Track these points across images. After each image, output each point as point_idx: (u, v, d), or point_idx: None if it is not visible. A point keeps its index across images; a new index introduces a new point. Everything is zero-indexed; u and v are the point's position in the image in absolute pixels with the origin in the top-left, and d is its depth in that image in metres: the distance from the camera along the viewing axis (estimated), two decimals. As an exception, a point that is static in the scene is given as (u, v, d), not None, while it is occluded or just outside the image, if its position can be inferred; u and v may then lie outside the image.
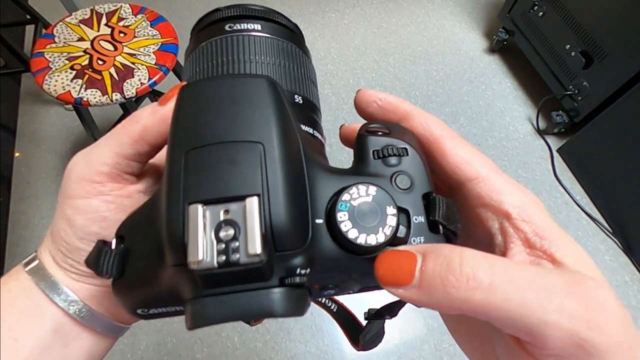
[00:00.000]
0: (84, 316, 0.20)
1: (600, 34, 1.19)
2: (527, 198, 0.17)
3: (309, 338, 1.07)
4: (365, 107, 0.20)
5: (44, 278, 0.20)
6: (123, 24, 1.02)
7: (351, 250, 0.15)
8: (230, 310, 0.14)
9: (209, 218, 0.13)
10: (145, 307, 0.17)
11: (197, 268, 0.13)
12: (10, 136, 1.39)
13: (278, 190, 0.14)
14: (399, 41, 1.66)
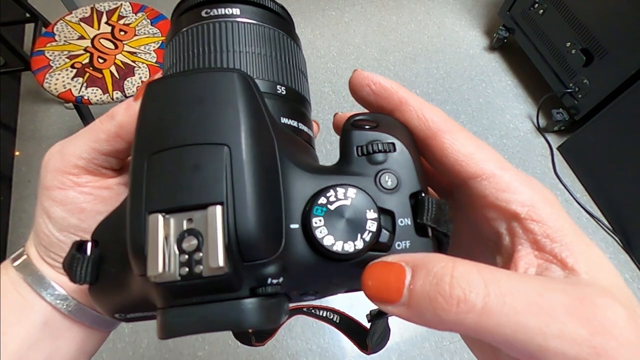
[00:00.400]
0: (72, 310, 0.20)
1: (601, 32, 1.18)
2: (537, 195, 0.15)
3: (310, 336, 1.07)
4: (359, 90, 0.18)
5: (30, 273, 0.20)
6: (123, 22, 1.02)
7: (328, 257, 0.14)
8: (199, 322, 0.13)
9: (172, 227, 0.13)
10: (122, 312, 0.17)
11: (158, 281, 0.12)
12: (11, 135, 1.39)
13: (245, 197, 0.13)
14: (399, 39, 1.66)
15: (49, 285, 0.20)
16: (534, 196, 0.15)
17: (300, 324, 1.08)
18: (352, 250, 0.14)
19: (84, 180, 0.19)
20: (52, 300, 0.20)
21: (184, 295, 0.13)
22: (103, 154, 0.19)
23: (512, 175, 0.15)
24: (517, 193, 0.15)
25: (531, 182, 0.16)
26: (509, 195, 0.15)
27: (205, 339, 1.05)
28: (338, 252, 0.14)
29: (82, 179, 0.19)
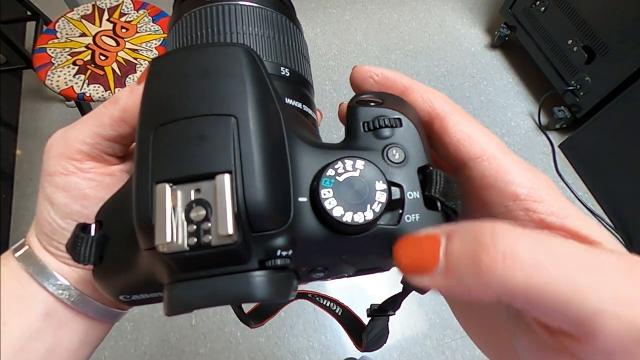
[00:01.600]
0: (74, 300, 0.20)
1: (603, 29, 1.18)
2: (537, 179, 0.15)
3: (312, 333, 1.07)
4: (361, 84, 0.18)
5: (32, 263, 0.19)
6: (125, 19, 1.02)
7: (338, 229, 0.14)
8: (208, 295, 0.13)
9: (179, 198, 0.12)
10: (126, 294, 0.16)
11: (166, 251, 0.12)
12: (12, 133, 1.39)
13: (253, 166, 0.13)
14: (400, 37, 1.66)
15: (51, 275, 0.19)
16: (534, 179, 0.15)
17: (302, 321, 1.09)
18: (362, 221, 0.14)
19: (88, 166, 0.19)
20: (54, 291, 0.19)
21: (192, 268, 0.13)
22: (107, 140, 0.19)
23: (513, 160, 0.15)
24: (517, 176, 0.15)
25: (531, 168, 0.15)
26: (510, 177, 0.15)
27: (207, 337, 1.05)
28: (348, 222, 0.14)
29: (85, 164, 0.19)
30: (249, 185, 0.12)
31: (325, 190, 0.14)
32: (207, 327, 1.07)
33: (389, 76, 0.18)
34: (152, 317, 1.07)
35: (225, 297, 0.13)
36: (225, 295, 0.13)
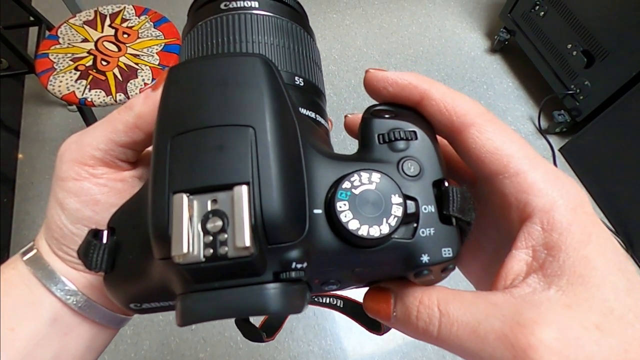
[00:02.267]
0: (82, 306, 0.20)
1: (602, 33, 1.19)
2: (562, 198, 0.14)
3: (312, 337, 1.07)
4: (376, 93, 0.18)
5: (40, 267, 0.19)
6: (127, 25, 1.03)
7: (353, 242, 0.14)
8: (221, 307, 0.13)
9: (196, 208, 0.12)
10: (137, 302, 0.16)
11: (182, 262, 0.12)
12: (14, 137, 1.40)
13: (270, 178, 0.13)
14: (400, 41, 1.67)
15: (59, 280, 0.19)
16: (557, 199, 0.14)
17: (302, 325, 1.08)
18: (377, 235, 0.14)
19: (100, 171, 0.19)
20: (62, 296, 0.19)
21: (206, 279, 0.13)
22: (120, 146, 0.19)
23: (538, 174, 0.15)
24: (538, 195, 0.14)
25: (559, 181, 0.15)
26: (529, 197, 0.15)
27: (207, 341, 1.05)
28: (363, 236, 0.14)
29: (98, 170, 0.19)
30: (266, 197, 0.12)
31: (341, 203, 0.14)
32: (207, 332, 1.06)
33: (404, 85, 0.17)
34: (152, 322, 1.06)
35: (238, 310, 0.13)
36: (239, 307, 0.13)
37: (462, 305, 0.14)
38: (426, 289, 0.16)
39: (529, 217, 0.15)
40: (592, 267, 0.13)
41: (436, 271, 0.15)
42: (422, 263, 0.15)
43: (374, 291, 0.17)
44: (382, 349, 1.06)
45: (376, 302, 0.17)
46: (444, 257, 0.15)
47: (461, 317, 0.14)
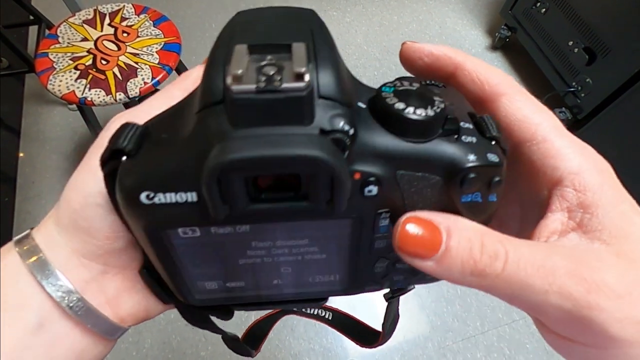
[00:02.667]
0: (74, 307, 0.18)
1: (604, 30, 1.18)
2: (587, 163, 0.15)
3: (313, 335, 1.07)
4: (411, 64, 0.18)
5: (33, 257, 0.18)
6: (126, 23, 1.03)
7: (398, 128, 0.14)
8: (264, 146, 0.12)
9: (255, 58, 0.13)
10: (152, 190, 0.14)
11: (235, 89, 0.12)
12: (15, 136, 1.40)
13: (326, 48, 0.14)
14: (400, 39, 1.66)
15: (52, 272, 0.18)
16: (583, 164, 0.15)
17: (303, 324, 1.09)
18: (423, 116, 0.14)
19: None
20: (53, 292, 0.17)
21: (253, 118, 0.12)
22: None
23: (565, 141, 0.16)
24: (565, 160, 0.15)
25: (584, 149, 0.16)
26: (557, 162, 0.15)
27: (208, 339, 1.05)
28: (409, 116, 0.14)
29: None
30: (321, 56, 0.13)
31: (386, 94, 0.14)
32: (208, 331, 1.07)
33: (440, 56, 0.18)
34: (154, 320, 1.07)
35: (283, 151, 0.12)
36: (283, 148, 0.12)
37: (523, 243, 0.14)
38: (479, 226, 0.14)
39: (559, 182, 0.15)
40: (632, 221, 0.14)
41: (483, 184, 0.15)
42: (469, 162, 0.14)
43: (414, 220, 0.14)
44: (382, 347, 1.06)
45: (420, 230, 0.14)
46: (489, 160, 0.15)
47: (527, 254, 0.13)
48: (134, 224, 0.15)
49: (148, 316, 0.21)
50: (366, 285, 0.19)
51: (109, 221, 0.18)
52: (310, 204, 0.14)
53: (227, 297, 0.19)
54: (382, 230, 0.16)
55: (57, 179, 1.32)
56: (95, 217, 0.17)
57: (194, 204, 0.14)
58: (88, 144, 0.94)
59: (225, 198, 0.13)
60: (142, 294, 0.20)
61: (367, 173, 0.14)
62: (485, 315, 1.10)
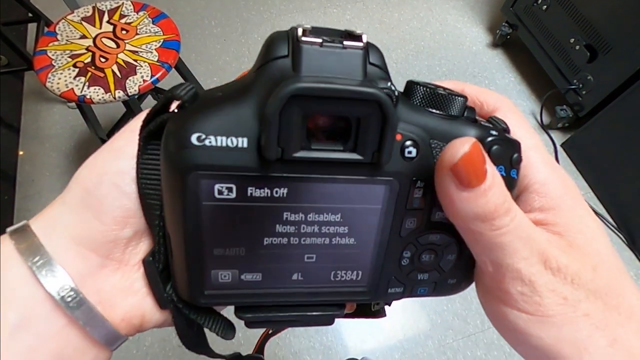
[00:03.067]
0: (65, 296, 0.16)
1: (605, 28, 1.17)
2: (555, 177, 0.18)
3: (313, 333, 1.07)
4: None
5: (26, 241, 0.16)
6: (125, 21, 1.02)
7: (429, 102, 0.17)
8: (332, 84, 0.13)
9: (316, 31, 0.15)
10: (204, 132, 0.14)
11: (303, 39, 0.14)
12: (14, 134, 1.40)
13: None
14: (401, 36, 1.66)
15: (46, 259, 0.16)
16: (550, 176, 0.18)
17: (303, 322, 1.09)
18: (453, 95, 0.17)
19: None
20: (43, 279, 0.16)
21: (317, 63, 0.14)
22: None
23: (539, 157, 0.18)
24: (535, 171, 0.18)
25: (555, 167, 0.18)
26: (526, 171, 0.18)
27: (209, 337, 1.05)
28: (440, 92, 0.17)
29: None
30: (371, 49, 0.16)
31: (416, 80, 0.17)
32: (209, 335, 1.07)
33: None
34: (154, 318, 1.07)
35: (346, 87, 0.13)
36: (347, 85, 0.13)
37: (524, 214, 0.16)
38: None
39: (526, 188, 0.18)
40: (586, 223, 0.17)
41: (506, 159, 0.17)
42: (492, 135, 0.17)
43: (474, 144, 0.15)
44: (382, 345, 1.06)
45: (475, 156, 0.14)
46: (509, 137, 0.17)
47: (525, 223, 0.16)
48: (174, 169, 0.15)
49: (142, 324, 0.19)
50: (390, 287, 0.19)
51: (121, 203, 0.17)
52: (357, 155, 0.15)
53: (238, 294, 0.18)
54: (415, 204, 0.17)
55: (57, 176, 1.32)
56: (108, 197, 0.17)
57: (243, 150, 0.15)
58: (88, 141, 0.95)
59: (280, 139, 0.14)
60: (139, 296, 0.19)
61: (407, 135, 0.16)
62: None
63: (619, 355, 0.15)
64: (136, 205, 0.18)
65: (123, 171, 0.17)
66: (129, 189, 0.17)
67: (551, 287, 0.16)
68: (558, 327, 0.16)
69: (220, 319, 0.21)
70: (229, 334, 0.21)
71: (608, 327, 0.16)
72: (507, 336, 0.18)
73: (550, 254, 0.16)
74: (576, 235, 0.17)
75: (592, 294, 0.16)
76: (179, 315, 0.19)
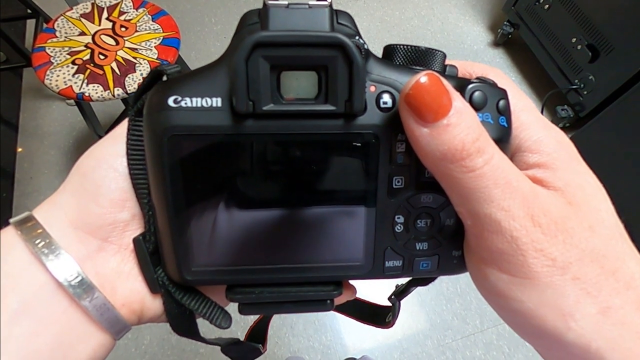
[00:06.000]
0: (70, 280, 0.16)
1: (607, 28, 1.17)
2: (549, 134, 0.17)
3: (312, 333, 1.07)
4: None
5: (28, 222, 0.16)
6: (124, 18, 1.01)
7: (404, 58, 0.17)
8: (296, 32, 0.14)
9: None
10: (179, 94, 0.15)
11: (270, 3, 0.14)
12: (13, 132, 1.39)
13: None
14: (402, 35, 1.65)
15: (48, 242, 0.16)
16: (543, 133, 0.17)
17: (302, 321, 1.08)
18: (427, 48, 0.17)
19: None
20: (45, 259, 0.16)
21: (283, 22, 0.14)
22: None
23: (531, 117, 0.17)
24: (527, 130, 0.17)
25: (547, 125, 0.17)
26: (517, 132, 0.17)
27: (207, 336, 1.05)
28: (415, 46, 0.17)
29: None
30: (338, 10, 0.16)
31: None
32: (208, 326, 1.06)
33: None
34: (153, 317, 1.07)
35: (311, 34, 0.14)
36: (311, 32, 0.14)
37: (506, 159, 0.15)
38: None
39: (519, 147, 0.17)
40: (584, 178, 0.16)
41: (492, 105, 0.16)
42: (473, 82, 0.16)
43: (434, 77, 0.14)
44: (382, 344, 1.06)
45: (435, 88, 0.14)
46: (492, 84, 0.17)
47: (506, 167, 0.15)
48: (153, 132, 0.16)
49: (143, 310, 0.19)
50: (387, 260, 0.18)
51: (118, 184, 0.17)
52: (329, 105, 0.15)
53: (227, 271, 0.18)
54: (400, 160, 0.17)
55: (55, 174, 1.31)
56: (105, 179, 0.17)
57: (218, 110, 0.15)
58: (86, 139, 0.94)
59: (250, 91, 0.14)
60: (139, 281, 0.18)
61: (381, 87, 0.16)
62: (484, 313, 1.10)
63: (609, 324, 0.14)
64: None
65: (119, 154, 0.17)
66: (125, 171, 0.18)
67: (538, 247, 0.14)
68: (541, 290, 0.14)
69: (213, 305, 0.20)
70: (224, 322, 0.20)
71: (601, 294, 0.14)
72: (490, 300, 0.17)
73: (538, 208, 0.14)
74: (576, 191, 0.15)
75: (587, 255, 0.14)
76: (169, 298, 0.19)
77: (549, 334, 0.15)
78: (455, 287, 1.13)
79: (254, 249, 0.17)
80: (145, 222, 0.18)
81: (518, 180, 0.15)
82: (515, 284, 0.15)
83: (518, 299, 0.15)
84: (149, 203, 0.17)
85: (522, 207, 0.14)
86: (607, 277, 0.14)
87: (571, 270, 0.14)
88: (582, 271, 0.14)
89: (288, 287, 0.18)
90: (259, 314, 0.20)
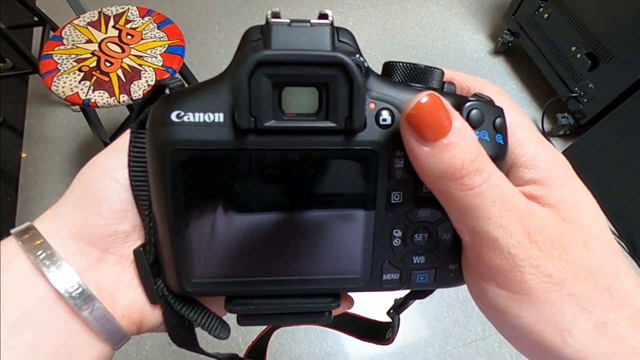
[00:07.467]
0: (71, 292, 0.16)
1: (607, 36, 1.18)
2: (544, 151, 0.17)
3: (313, 339, 1.07)
4: None
5: (28, 232, 0.17)
6: (130, 26, 1.03)
7: (404, 75, 0.17)
8: (298, 51, 0.14)
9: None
10: (182, 109, 0.15)
11: (273, 21, 0.15)
12: (18, 137, 1.41)
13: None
14: (403, 43, 1.67)
15: (50, 253, 0.16)
16: (538, 150, 0.17)
17: (303, 327, 1.08)
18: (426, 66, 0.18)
19: None
20: (53, 278, 0.16)
21: (286, 40, 0.15)
22: None
23: (526, 133, 0.18)
24: (522, 146, 0.17)
25: (543, 142, 0.18)
26: (514, 147, 0.17)
27: (209, 342, 1.05)
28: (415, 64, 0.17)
29: None
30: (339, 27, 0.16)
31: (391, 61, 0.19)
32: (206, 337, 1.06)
33: None
34: (154, 322, 1.07)
35: (312, 53, 0.14)
36: (312, 51, 0.14)
37: (504, 177, 0.15)
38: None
39: (514, 164, 0.17)
40: (579, 195, 0.16)
41: (488, 123, 0.17)
42: (471, 100, 0.16)
43: (436, 97, 0.14)
44: (383, 351, 1.05)
45: (437, 109, 0.14)
46: (488, 102, 0.17)
47: (504, 185, 0.15)
48: (156, 147, 0.16)
49: (142, 321, 0.19)
50: (384, 272, 0.18)
51: (120, 196, 0.18)
52: (330, 122, 0.15)
53: (226, 282, 0.18)
54: (398, 175, 0.17)
55: (60, 179, 1.32)
56: (106, 190, 0.17)
57: (220, 125, 0.15)
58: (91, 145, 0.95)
59: (252, 108, 0.15)
60: (139, 291, 0.19)
61: (381, 104, 0.16)
62: (486, 320, 1.08)
63: (605, 340, 0.14)
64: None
65: (121, 165, 0.18)
66: (126, 183, 0.18)
67: (535, 263, 0.14)
68: (539, 306, 0.15)
69: (212, 315, 0.21)
70: (223, 333, 0.21)
71: (597, 309, 0.14)
72: (489, 315, 0.17)
73: (534, 225, 0.15)
74: (571, 208, 0.16)
75: (582, 271, 0.15)
76: (168, 309, 0.19)
77: (547, 349, 0.15)
78: (457, 294, 1.13)
79: (254, 262, 0.18)
80: (146, 233, 0.18)
81: (515, 198, 0.15)
82: (514, 300, 0.15)
83: (517, 314, 0.15)
84: (149, 215, 0.18)
85: (519, 225, 0.15)
86: (602, 293, 0.15)
87: (567, 286, 0.15)
88: (578, 287, 0.15)
89: (287, 299, 0.19)
90: (258, 325, 0.20)
